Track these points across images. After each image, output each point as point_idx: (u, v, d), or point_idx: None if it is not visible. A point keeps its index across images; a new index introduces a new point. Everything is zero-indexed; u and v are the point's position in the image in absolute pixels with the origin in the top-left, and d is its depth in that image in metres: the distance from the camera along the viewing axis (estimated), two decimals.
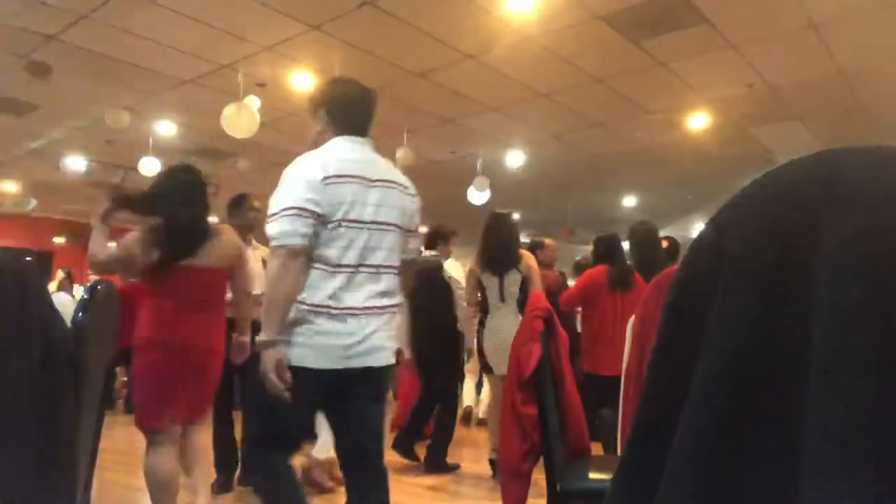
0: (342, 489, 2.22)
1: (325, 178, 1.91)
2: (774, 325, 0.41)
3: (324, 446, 3.71)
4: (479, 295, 4.16)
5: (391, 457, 4.51)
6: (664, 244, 5.12)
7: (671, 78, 5.54)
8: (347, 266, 1.93)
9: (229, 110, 5.20)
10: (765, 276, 0.42)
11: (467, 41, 4.90)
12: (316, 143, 2.07)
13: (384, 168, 2.10)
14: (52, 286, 7.62)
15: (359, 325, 1.93)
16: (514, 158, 7.80)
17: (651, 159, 7.95)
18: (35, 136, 7.16)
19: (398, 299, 2.09)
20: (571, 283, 5.41)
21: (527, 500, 2.02)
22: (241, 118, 5.22)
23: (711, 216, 0.48)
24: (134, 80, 5.60)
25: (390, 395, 4.55)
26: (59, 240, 11.53)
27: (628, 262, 4.23)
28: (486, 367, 4.29)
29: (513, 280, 3.95)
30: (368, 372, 1.95)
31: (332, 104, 2.10)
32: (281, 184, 1.96)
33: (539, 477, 1.93)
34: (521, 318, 3.88)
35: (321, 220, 1.89)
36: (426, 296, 4.61)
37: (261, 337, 1.88)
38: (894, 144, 0.42)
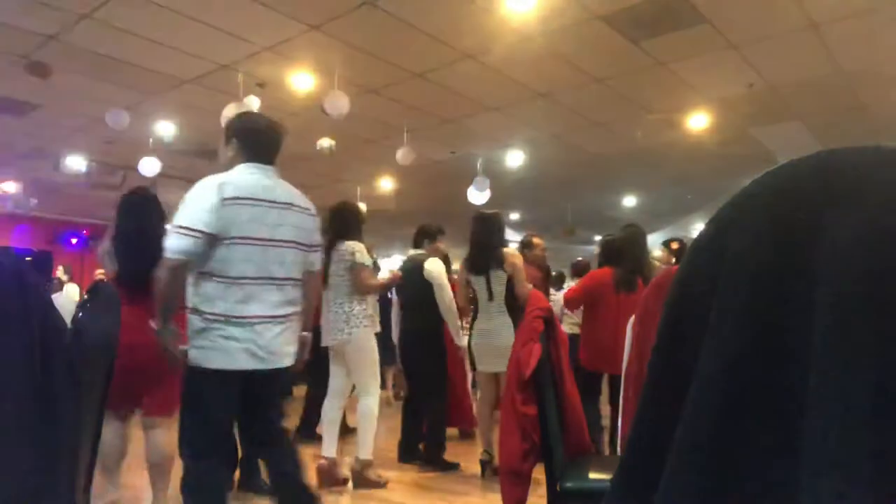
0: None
1: (223, 199, 2.17)
2: (774, 324, 0.41)
3: (365, 447, 3.81)
4: (470, 295, 4.22)
5: (385, 454, 4.53)
6: (673, 246, 5.18)
7: (671, 78, 5.54)
8: (248, 278, 2.20)
9: (229, 110, 5.20)
10: (765, 275, 0.42)
11: (467, 41, 4.91)
12: (226, 167, 2.35)
13: (284, 192, 2.37)
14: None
15: (262, 331, 2.22)
16: (514, 158, 7.80)
17: (651, 159, 7.95)
18: (35, 136, 7.16)
19: (299, 307, 2.40)
20: (570, 283, 5.44)
21: (527, 500, 2.02)
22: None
23: (711, 216, 0.48)
24: (134, 80, 5.60)
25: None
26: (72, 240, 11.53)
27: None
28: (472, 365, 4.36)
29: (498, 279, 4.01)
30: (272, 373, 2.26)
31: (242, 135, 2.38)
32: (183, 202, 2.19)
33: (539, 477, 1.93)
34: (508, 316, 3.99)
35: (214, 237, 2.16)
36: (409, 294, 4.64)
37: (157, 327, 2.17)
38: (894, 144, 0.42)
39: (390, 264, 10.38)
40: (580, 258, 7.24)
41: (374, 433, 3.91)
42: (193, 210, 2.15)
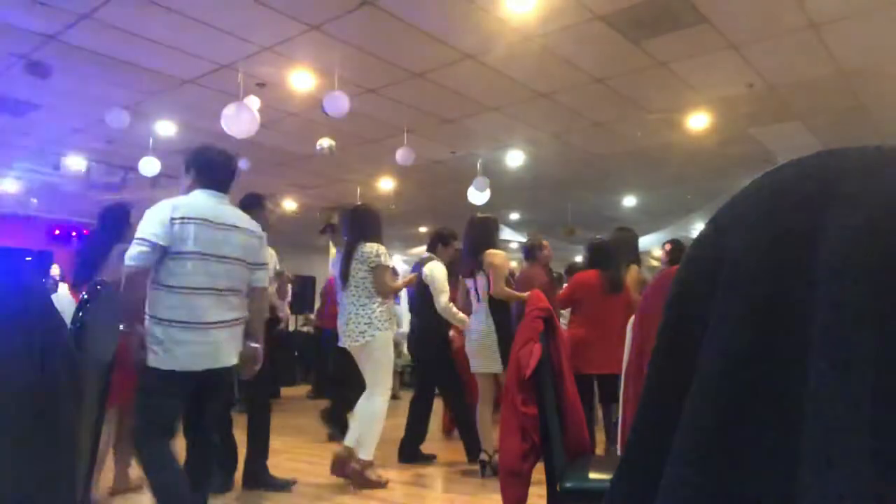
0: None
1: (173, 218, 2.55)
2: (774, 325, 0.41)
3: (368, 447, 3.84)
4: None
5: (384, 453, 4.53)
6: (666, 247, 5.25)
7: (671, 78, 5.54)
8: (196, 288, 2.55)
9: (229, 110, 5.20)
10: (765, 275, 0.42)
11: (467, 41, 4.90)
12: (185, 192, 2.76)
13: (231, 215, 2.77)
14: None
15: (207, 336, 2.56)
16: (514, 158, 7.80)
17: (651, 159, 7.95)
18: (35, 136, 7.16)
19: (241, 315, 2.75)
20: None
21: (527, 500, 2.02)
22: (241, 118, 5.22)
23: (711, 216, 0.48)
24: (134, 80, 5.60)
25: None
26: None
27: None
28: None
29: (482, 282, 4.09)
30: (217, 372, 2.61)
31: (198, 166, 2.80)
32: (143, 218, 2.59)
33: (539, 477, 1.93)
34: (490, 317, 4.03)
35: (165, 250, 2.53)
36: (416, 297, 4.71)
37: (124, 328, 2.40)
38: (894, 144, 0.42)
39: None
40: (575, 260, 7.26)
41: (378, 434, 3.93)
42: (148, 225, 2.55)
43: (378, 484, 3.84)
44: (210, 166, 2.80)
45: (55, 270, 7.92)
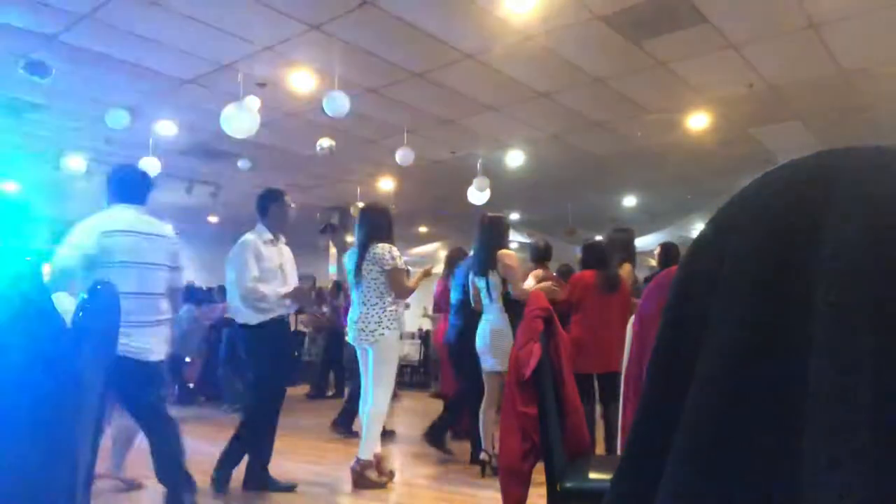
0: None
1: (103, 231, 2.87)
2: (774, 324, 0.41)
3: (368, 447, 3.84)
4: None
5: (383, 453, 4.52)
6: (657, 251, 5.35)
7: (671, 78, 5.54)
8: (128, 293, 2.67)
9: (229, 110, 5.20)
10: (765, 275, 0.42)
11: (467, 41, 4.90)
12: (106, 207, 3.10)
13: (152, 225, 3.10)
14: None
15: (138, 334, 2.84)
16: (514, 158, 7.80)
17: (651, 159, 7.95)
18: (35, 136, 7.16)
19: (168, 315, 3.08)
20: None
21: (527, 500, 2.02)
22: (241, 118, 5.22)
23: (711, 216, 0.48)
24: (134, 80, 5.60)
25: None
26: None
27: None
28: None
29: (495, 281, 4.09)
30: (146, 364, 2.90)
31: (116, 183, 3.16)
32: (73, 231, 2.88)
33: (539, 477, 1.93)
34: (506, 315, 4.03)
35: (93, 259, 2.81)
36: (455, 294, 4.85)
37: None
38: (894, 144, 0.42)
39: None
40: (565, 263, 7.27)
41: (379, 435, 3.94)
42: (78, 237, 2.86)
43: (377, 484, 3.84)
44: (125, 182, 3.17)
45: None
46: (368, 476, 3.83)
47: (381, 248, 3.93)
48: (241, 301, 3.69)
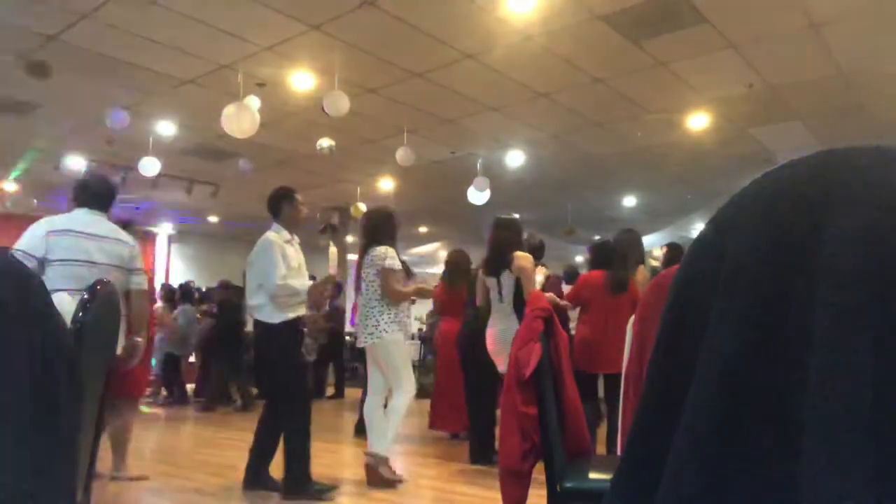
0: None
1: (50, 231, 3.08)
2: (774, 325, 0.41)
3: (377, 443, 3.86)
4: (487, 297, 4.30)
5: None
6: (664, 250, 5.34)
7: (671, 78, 5.54)
8: (69, 289, 2.78)
9: (229, 110, 5.20)
10: (765, 276, 0.42)
11: (467, 41, 4.91)
12: (69, 210, 3.35)
13: (104, 228, 3.31)
14: None
15: None
16: (514, 158, 7.80)
17: (651, 159, 7.95)
18: (35, 136, 7.16)
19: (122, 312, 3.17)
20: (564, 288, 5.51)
21: (527, 500, 2.02)
22: (241, 118, 5.22)
23: (711, 216, 0.48)
24: (134, 80, 5.60)
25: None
26: None
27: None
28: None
29: (508, 282, 4.08)
30: None
31: (79, 190, 3.40)
32: (24, 233, 3.08)
33: (539, 477, 1.93)
34: (515, 316, 4.02)
35: (42, 258, 3.02)
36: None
37: None
38: (894, 144, 0.42)
39: None
40: (571, 264, 7.28)
41: (396, 432, 3.96)
42: (27, 238, 3.06)
43: (391, 482, 3.85)
44: (85, 189, 3.40)
45: None
46: (382, 473, 3.83)
47: (378, 250, 3.97)
48: (268, 300, 3.66)
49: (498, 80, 5.58)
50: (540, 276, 4.22)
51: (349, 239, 11.59)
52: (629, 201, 10.60)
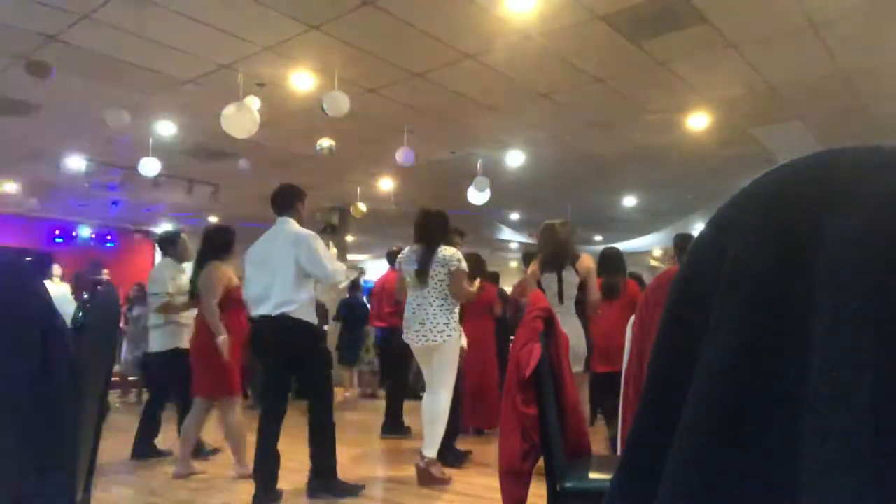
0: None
1: None
2: (774, 325, 0.41)
3: (433, 444, 3.92)
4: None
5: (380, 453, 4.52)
6: (657, 254, 5.71)
7: (671, 78, 5.54)
8: None
9: (229, 110, 5.19)
10: (765, 276, 0.42)
11: (467, 41, 4.90)
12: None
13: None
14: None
15: None
16: (514, 158, 7.80)
17: (651, 159, 7.95)
18: (35, 136, 7.15)
19: None
20: None
21: (527, 500, 2.02)
22: (241, 118, 5.22)
23: (712, 216, 0.48)
24: (134, 80, 5.60)
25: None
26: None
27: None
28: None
29: (570, 282, 4.16)
30: None
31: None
32: None
33: (539, 477, 1.93)
34: (577, 318, 4.13)
35: None
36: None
37: None
38: (894, 144, 0.42)
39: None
40: None
41: (443, 431, 4.01)
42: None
43: (442, 481, 3.88)
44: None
45: (57, 271, 7.84)
46: (432, 473, 3.89)
47: (450, 251, 4.03)
48: (308, 298, 3.67)
49: (498, 80, 5.58)
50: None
51: (349, 238, 11.59)
52: (629, 201, 10.60)
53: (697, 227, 10.74)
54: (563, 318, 4.18)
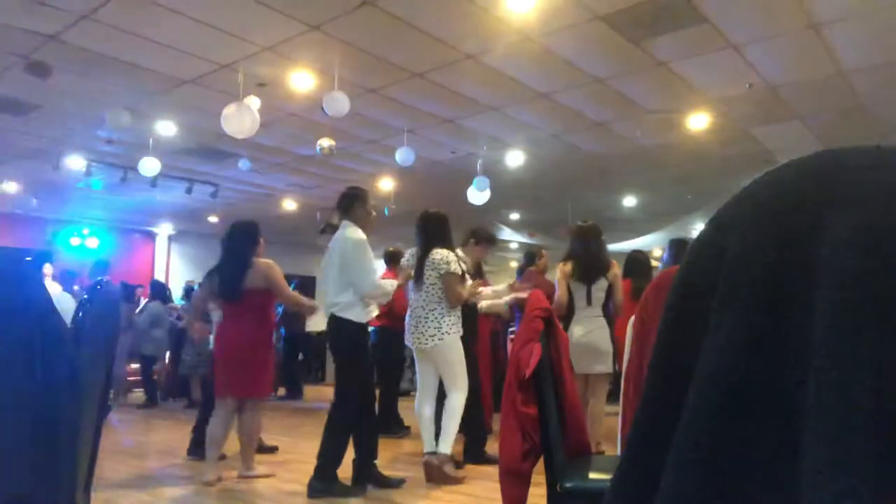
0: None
1: None
2: (774, 325, 0.41)
3: (447, 442, 3.93)
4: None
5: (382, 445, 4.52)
6: (656, 253, 5.79)
7: (671, 78, 5.54)
8: None
9: (229, 110, 5.19)
10: (765, 275, 0.42)
11: (467, 41, 4.90)
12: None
13: None
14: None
15: None
16: (514, 158, 7.79)
17: (651, 159, 7.95)
18: (35, 136, 7.15)
19: None
20: None
21: (527, 500, 2.02)
22: (241, 118, 5.22)
23: (712, 216, 0.48)
24: (134, 80, 5.60)
25: None
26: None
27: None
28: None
29: (600, 286, 4.28)
30: None
31: None
32: None
33: (539, 477, 1.93)
34: (604, 320, 4.22)
35: None
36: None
37: None
38: (894, 144, 0.42)
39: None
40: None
41: (457, 430, 4.03)
42: None
43: (455, 479, 3.89)
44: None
45: (48, 270, 7.69)
46: (446, 471, 3.90)
47: (440, 254, 4.05)
48: (358, 299, 3.71)
49: (498, 80, 5.58)
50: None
51: None
52: (629, 201, 10.59)
53: (697, 227, 10.74)
54: (591, 318, 4.29)
